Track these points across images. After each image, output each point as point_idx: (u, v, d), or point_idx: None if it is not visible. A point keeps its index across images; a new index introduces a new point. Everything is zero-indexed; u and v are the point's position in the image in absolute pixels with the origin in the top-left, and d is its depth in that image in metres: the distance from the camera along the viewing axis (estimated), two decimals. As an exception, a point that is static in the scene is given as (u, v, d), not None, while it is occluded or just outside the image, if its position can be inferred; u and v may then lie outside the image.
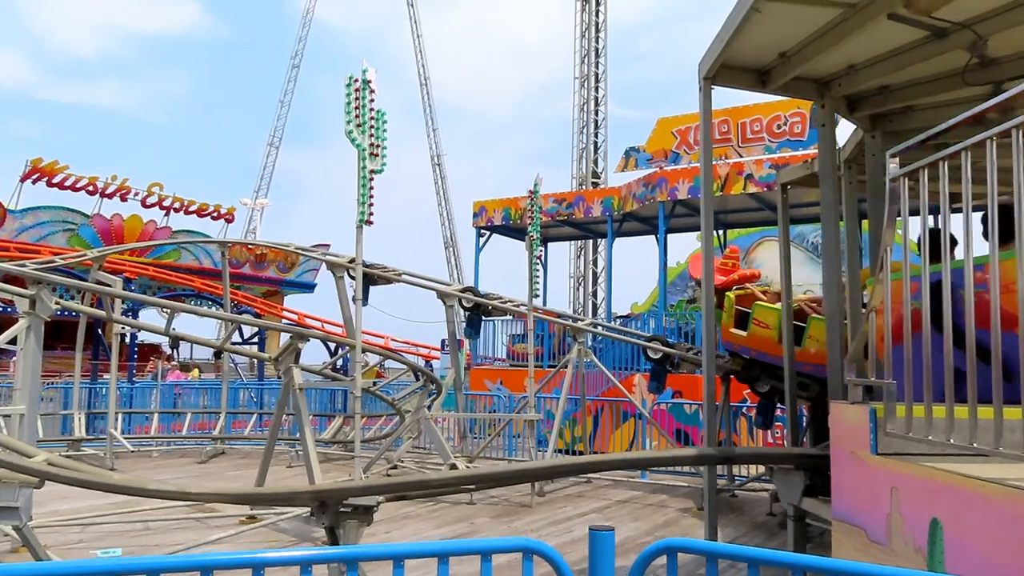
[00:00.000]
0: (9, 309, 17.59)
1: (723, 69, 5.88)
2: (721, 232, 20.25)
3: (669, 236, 17.82)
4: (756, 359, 9.50)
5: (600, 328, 12.42)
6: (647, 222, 18.56)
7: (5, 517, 4.57)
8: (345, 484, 4.27)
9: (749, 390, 11.03)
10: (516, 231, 20.29)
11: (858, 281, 6.33)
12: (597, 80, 28.80)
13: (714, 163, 16.89)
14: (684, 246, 25.33)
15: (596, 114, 28.57)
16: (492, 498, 9.85)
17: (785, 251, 8.42)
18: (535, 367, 10.68)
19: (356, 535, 3.92)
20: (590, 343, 13.87)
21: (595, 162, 28.11)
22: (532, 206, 10.13)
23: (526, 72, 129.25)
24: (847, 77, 6.09)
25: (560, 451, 12.63)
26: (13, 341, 7.70)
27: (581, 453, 13.17)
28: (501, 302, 12.25)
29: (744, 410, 11.91)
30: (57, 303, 7.81)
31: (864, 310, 3.81)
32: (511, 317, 16.81)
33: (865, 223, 7.08)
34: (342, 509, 3.89)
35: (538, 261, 10.41)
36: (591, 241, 24.82)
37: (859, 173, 7.19)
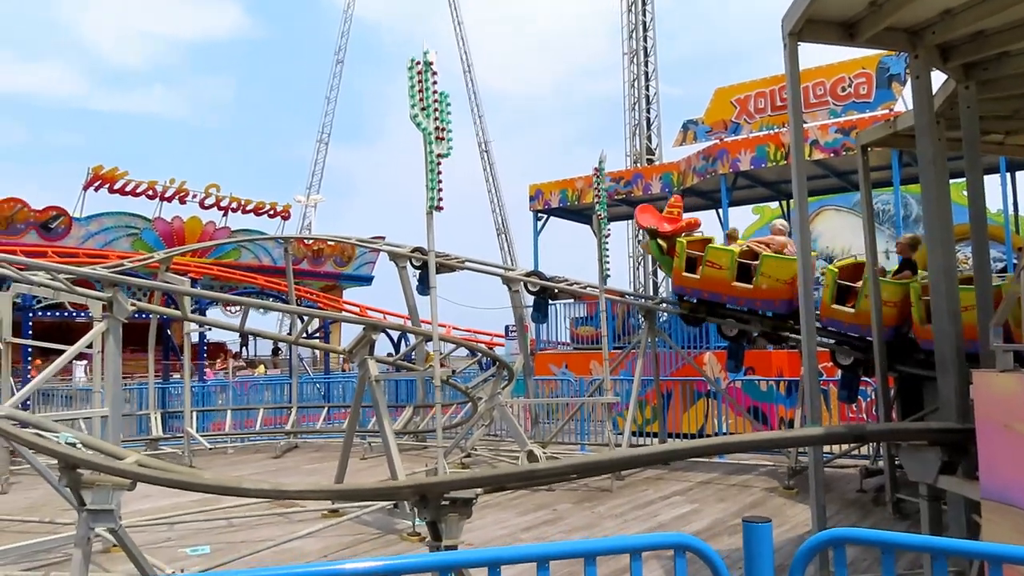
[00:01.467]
0: (76, 314, 18.04)
1: (809, 24, 5.52)
2: (781, 203, 19.62)
3: (731, 209, 17.32)
4: (706, 300, 10.28)
5: (672, 307, 12.06)
6: (708, 196, 18.07)
7: (101, 520, 4.54)
8: (446, 477, 4.11)
9: (828, 363, 10.67)
10: (573, 212, 19.97)
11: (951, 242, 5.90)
12: (646, 55, 28.19)
13: (775, 131, 16.35)
14: (746, 219, 24.63)
15: (647, 89, 27.99)
16: (572, 484, 9.66)
17: (868, 215, 8.01)
18: (601, 349, 10.43)
19: (458, 529, 3.76)
20: (658, 322, 13.55)
21: (648, 139, 27.57)
22: (598, 184, 9.85)
23: (567, 55, 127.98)
24: (941, 23, 5.67)
25: (633, 433, 12.35)
26: (91, 345, 7.78)
27: (654, 435, 12.89)
28: (567, 285, 12.01)
29: (819, 384, 11.50)
30: (132, 304, 7.85)
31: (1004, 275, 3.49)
32: (573, 300, 16.56)
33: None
34: (442, 503, 3.72)
35: (606, 240, 10.15)
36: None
37: (947, 128, 6.74)
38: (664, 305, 12.35)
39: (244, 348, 28.62)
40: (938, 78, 6.60)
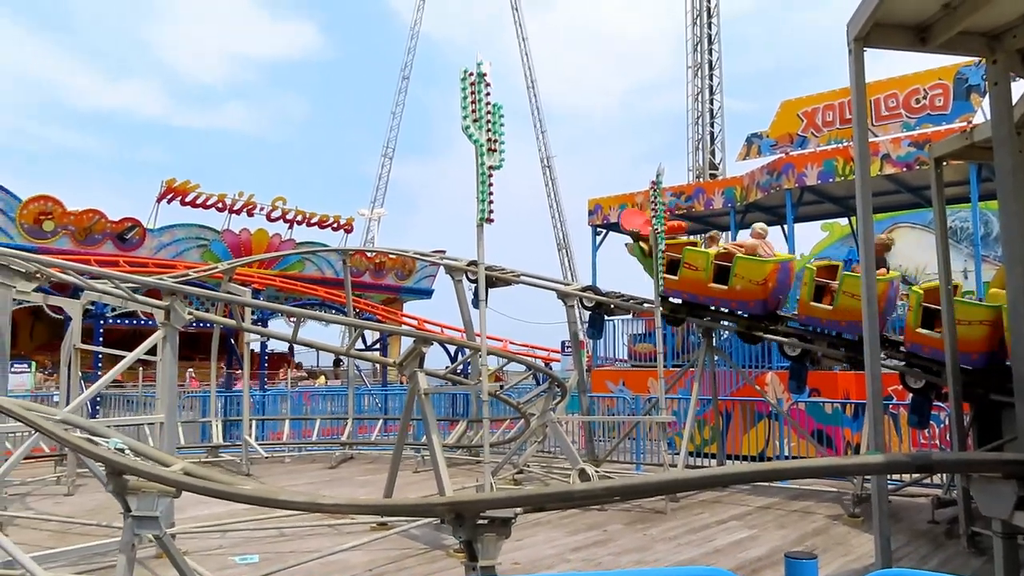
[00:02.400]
0: (147, 322, 18.61)
1: (876, 28, 5.27)
2: (850, 219, 18.98)
3: (797, 225, 16.83)
4: (687, 301, 10.80)
5: (730, 324, 11.72)
6: (772, 211, 17.60)
7: (145, 526, 4.55)
8: (482, 496, 4.00)
9: (897, 386, 10.20)
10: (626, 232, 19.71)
11: None
12: (711, 68, 27.80)
13: (844, 144, 15.83)
14: (814, 236, 23.95)
15: (711, 103, 27.58)
16: (624, 504, 9.42)
17: (942, 232, 7.64)
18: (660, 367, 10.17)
19: (495, 549, 3.63)
20: (718, 340, 13.21)
21: (712, 153, 27.13)
22: (655, 197, 9.64)
23: (630, 71, 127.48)
24: (1023, 27, 5.35)
25: (690, 454, 12.02)
26: (153, 352, 7.93)
27: (713, 456, 12.53)
28: (623, 300, 11.79)
29: (888, 407, 11.00)
30: (191, 314, 7.98)
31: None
32: (631, 316, 16.29)
33: None
34: (479, 521, 3.60)
35: (663, 255, 9.92)
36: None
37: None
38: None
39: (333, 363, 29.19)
40: (1019, 87, 6.24)
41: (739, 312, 10.55)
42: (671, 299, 10.96)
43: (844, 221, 20.48)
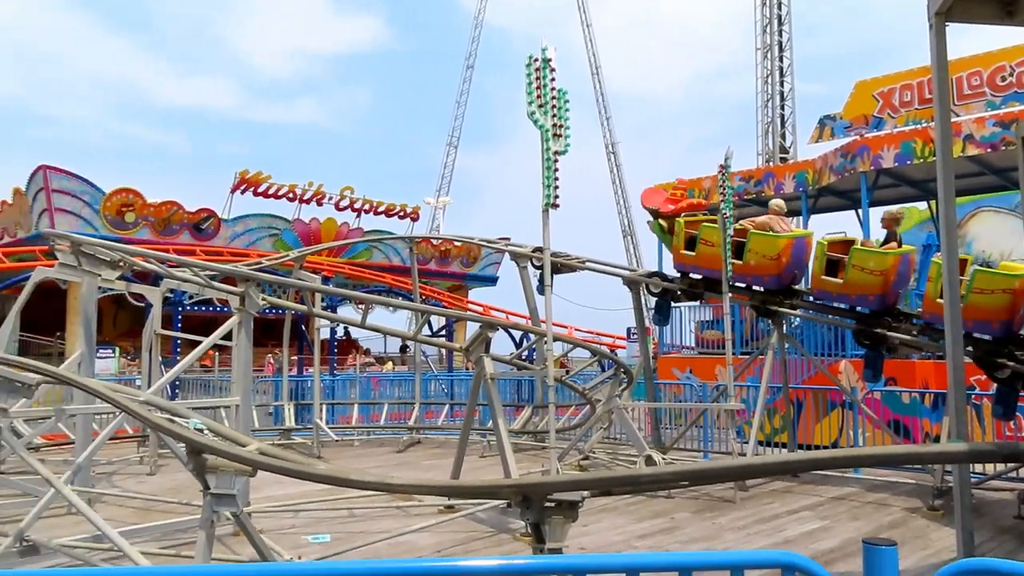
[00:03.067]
0: (222, 309, 19.22)
1: (959, 1, 5.04)
2: (929, 203, 18.24)
3: (872, 210, 16.28)
4: (704, 276, 10.96)
5: (802, 311, 11.43)
6: (846, 196, 17.06)
7: (223, 504, 4.71)
8: (549, 479, 4.01)
9: (980, 376, 9.80)
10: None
11: None
12: (781, 49, 27.05)
13: (923, 125, 15.21)
14: (888, 220, 23.10)
15: (781, 85, 26.85)
16: (692, 492, 9.32)
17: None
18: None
19: (562, 532, 3.63)
20: (788, 327, 12.91)
21: (783, 136, 26.44)
22: (724, 182, 9.46)
23: (696, 54, 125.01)
24: (1121, -5, 5.04)
25: (760, 443, 11.79)
26: (228, 337, 8.19)
27: (783, 445, 12.27)
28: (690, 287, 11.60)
29: (971, 397, 10.57)
30: (264, 300, 8.21)
31: None
32: (699, 303, 16.05)
33: None
34: (546, 504, 3.61)
35: (731, 240, 9.74)
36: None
37: None
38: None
39: (402, 349, 29.72)
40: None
41: (754, 287, 10.68)
42: (691, 275, 11.18)
43: (923, 205, 19.70)
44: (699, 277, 11.13)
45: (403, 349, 34.76)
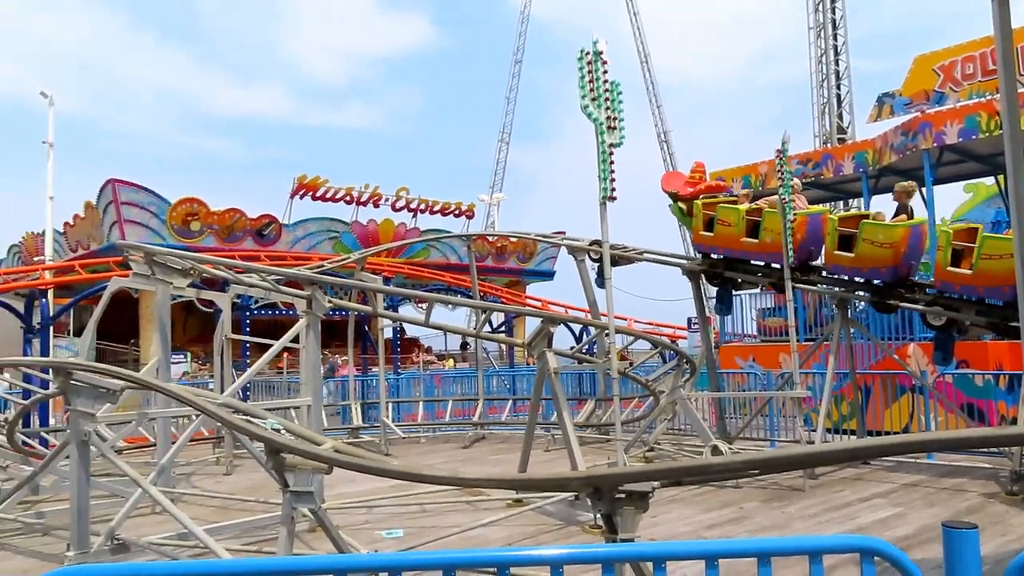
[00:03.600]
0: (287, 312, 19.71)
1: (1024, -30, 4.89)
2: (997, 178, 17.60)
3: (937, 188, 15.80)
4: (723, 256, 11.39)
5: (866, 295, 11.17)
6: (909, 174, 16.54)
7: (302, 500, 4.89)
8: (619, 470, 4.05)
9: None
10: (755, 199, 19.07)
11: None
12: (835, 28, 26.38)
13: (987, 98, 14.69)
14: (957, 198, 22.34)
15: (836, 64, 26.19)
16: (760, 481, 9.24)
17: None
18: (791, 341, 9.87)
19: (633, 523, 3.67)
20: (853, 312, 12.64)
21: (840, 117, 25.80)
22: (781, 167, 9.33)
23: (747, 37, 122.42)
24: None
25: (828, 430, 11.59)
26: (296, 340, 8.44)
27: (852, 432, 12.04)
28: (751, 275, 11.47)
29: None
30: (329, 302, 8.43)
31: None
32: (760, 290, 15.83)
33: None
34: (617, 495, 3.65)
35: (791, 225, 9.59)
36: (842, 202, 22.78)
37: None
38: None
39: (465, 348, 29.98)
40: None
41: (771, 264, 10.87)
42: (712, 255, 11.61)
43: (990, 181, 19.03)
44: (719, 257, 11.53)
45: (463, 346, 35.07)
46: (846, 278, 10.55)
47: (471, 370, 18.93)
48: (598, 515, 6.97)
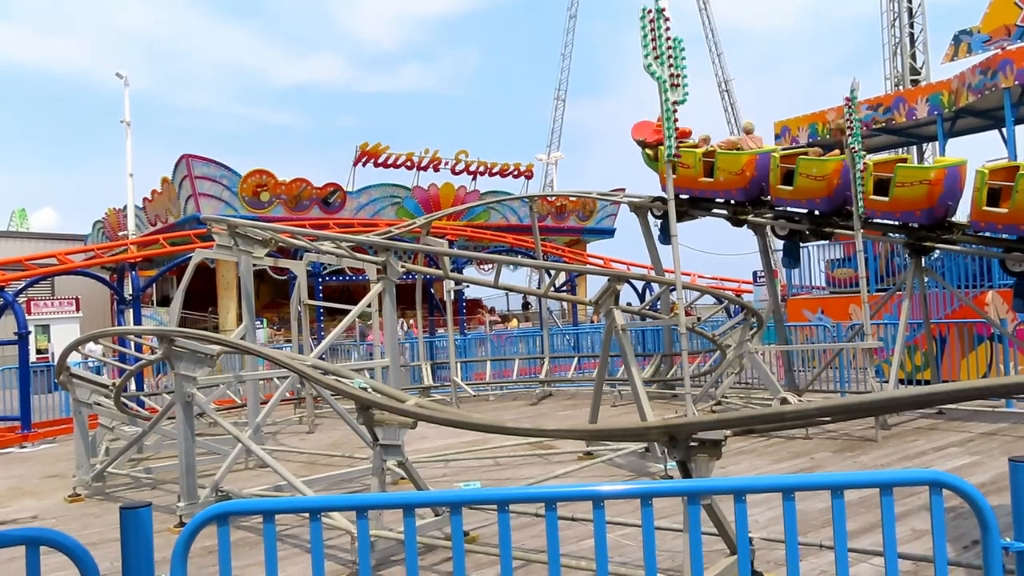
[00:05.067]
0: (354, 278, 20.27)
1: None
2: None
3: (1018, 128, 15.21)
4: (688, 195, 12.23)
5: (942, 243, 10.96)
6: (988, 115, 16.01)
7: (391, 453, 5.22)
8: (693, 418, 4.21)
9: None
10: (824, 148, 18.62)
11: None
12: (907, -39, 25.22)
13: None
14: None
15: (909, 2, 25.11)
16: (830, 432, 9.29)
17: None
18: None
19: (708, 469, 3.86)
20: (928, 260, 12.41)
21: (913, 57, 24.81)
22: (850, 115, 9.18)
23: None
24: None
25: (901, 381, 11.48)
26: (369, 304, 8.78)
27: (926, 382, 11.91)
28: (828, 227, 11.34)
29: None
30: (403, 267, 8.73)
31: None
32: (828, 241, 15.61)
33: None
34: (691, 444, 3.84)
35: (862, 175, 9.46)
36: (915, 147, 22.04)
37: None
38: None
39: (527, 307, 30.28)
40: None
41: (725, 200, 12.03)
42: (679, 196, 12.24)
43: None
44: (686, 197, 12.34)
45: (525, 306, 35.39)
46: (789, 210, 11.53)
47: (535, 329, 19.21)
48: (669, 466, 7.18)
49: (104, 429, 8.70)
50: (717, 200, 12.17)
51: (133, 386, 13.50)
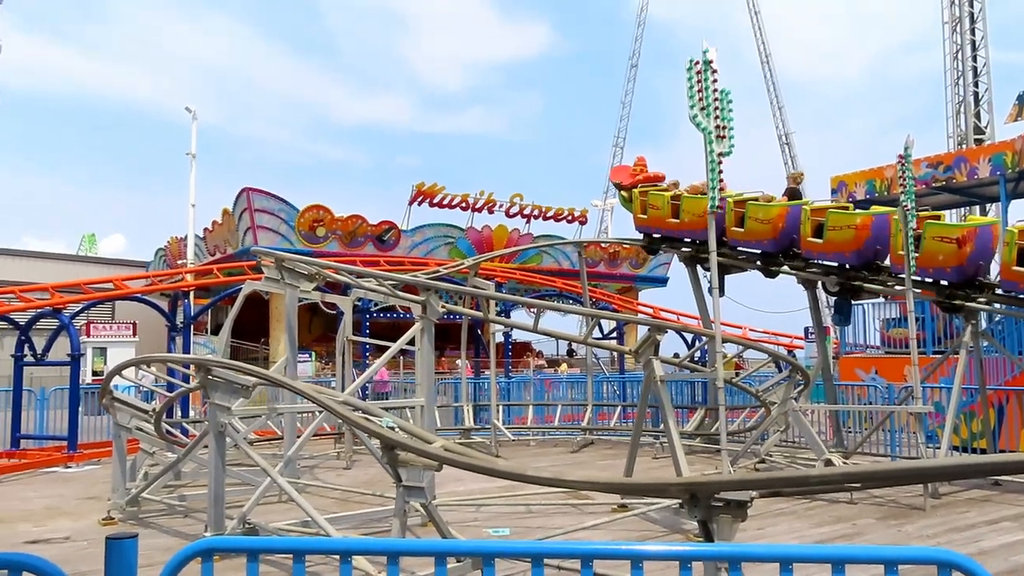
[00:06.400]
0: (405, 316, 20.47)
1: None
2: None
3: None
4: (655, 234, 13.59)
5: (1000, 306, 10.58)
6: (1053, 178, 15.48)
7: (414, 495, 5.19)
8: (717, 477, 4.10)
9: None
10: (882, 204, 18.27)
11: None
12: (972, 21, 24.86)
13: None
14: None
15: (974, 60, 24.68)
16: (876, 498, 8.92)
17: None
18: (917, 353, 9.45)
19: (731, 531, 3.73)
20: (986, 324, 11.97)
21: (977, 116, 24.29)
22: (904, 172, 8.99)
23: (873, 33, 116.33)
24: None
25: (955, 448, 11.01)
26: (411, 342, 8.83)
27: (982, 451, 11.38)
28: (873, 284, 11.08)
29: None
30: (443, 307, 8.78)
31: None
32: (883, 299, 15.19)
33: None
34: (714, 503, 3.73)
35: (912, 233, 9.22)
36: (977, 207, 21.41)
37: None
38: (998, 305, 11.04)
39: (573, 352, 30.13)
40: None
41: (687, 239, 13.11)
42: (648, 233, 13.77)
43: None
44: (658, 236, 13.62)
45: (569, 352, 35.18)
46: (742, 250, 12.33)
47: (581, 375, 19.03)
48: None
49: (144, 454, 8.87)
50: (685, 240, 13.23)
51: (178, 412, 13.79)
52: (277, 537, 5.65)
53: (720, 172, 7.16)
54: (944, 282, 10.19)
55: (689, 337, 23.18)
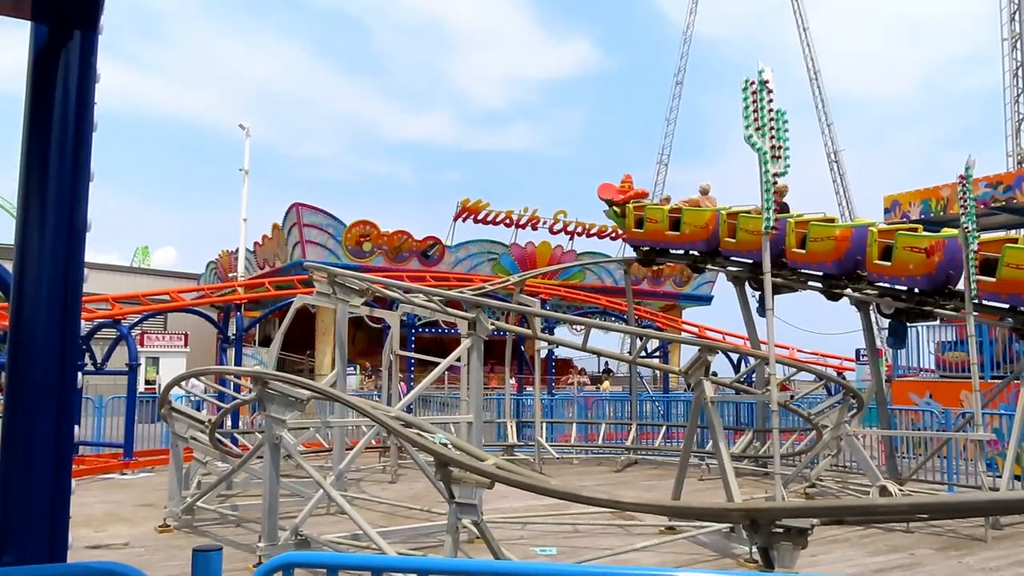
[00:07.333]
0: (448, 331, 20.60)
1: None
2: None
3: None
4: (651, 246, 14.10)
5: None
6: (1118, 198, 14.99)
7: (466, 512, 5.21)
8: (779, 504, 4.03)
9: None
10: (938, 224, 17.85)
11: None
12: (1033, 38, 24.27)
13: None
14: None
15: (1034, 78, 24.10)
16: (935, 527, 8.67)
17: None
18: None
19: (791, 559, 3.68)
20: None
21: (1037, 134, 23.67)
22: (964, 193, 8.79)
23: (928, 50, 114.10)
24: None
25: (1017, 478, 10.64)
26: (458, 358, 8.88)
27: (1046, 482, 10.99)
28: (928, 306, 10.82)
29: None
30: (491, 324, 8.82)
31: None
32: (939, 322, 14.81)
33: None
34: (775, 530, 3.67)
35: (974, 256, 9.00)
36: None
37: None
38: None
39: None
40: None
41: (689, 251, 13.56)
42: (640, 246, 14.32)
43: None
44: (647, 248, 14.19)
45: (607, 371, 34.94)
46: (736, 259, 12.83)
47: (625, 394, 18.89)
48: (754, 548, 6.86)
49: (198, 463, 9.04)
50: (680, 252, 13.73)
51: (229, 423, 14.03)
52: (356, 554, 5.70)
53: (775, 193, 7.09)
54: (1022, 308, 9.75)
55: (735, 357, 22.97)
